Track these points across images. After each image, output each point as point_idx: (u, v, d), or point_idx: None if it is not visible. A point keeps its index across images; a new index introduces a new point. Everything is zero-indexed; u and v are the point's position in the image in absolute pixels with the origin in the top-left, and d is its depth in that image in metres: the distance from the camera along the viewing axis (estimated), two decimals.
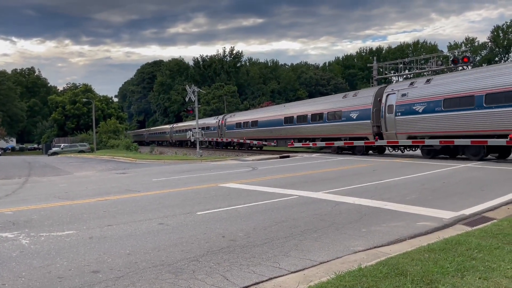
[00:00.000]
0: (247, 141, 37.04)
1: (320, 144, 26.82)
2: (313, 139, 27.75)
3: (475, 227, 6.38)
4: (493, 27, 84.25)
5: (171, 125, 67.33)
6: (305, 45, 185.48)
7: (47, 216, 8.35)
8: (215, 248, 5.66)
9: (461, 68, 27.69)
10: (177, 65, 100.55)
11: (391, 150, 23.53)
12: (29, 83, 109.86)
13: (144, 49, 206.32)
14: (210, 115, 62.24)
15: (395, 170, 15.10)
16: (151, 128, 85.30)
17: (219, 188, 11.93)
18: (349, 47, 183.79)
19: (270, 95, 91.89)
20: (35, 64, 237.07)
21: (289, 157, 25.59)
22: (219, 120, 44.87)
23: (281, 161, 23.28)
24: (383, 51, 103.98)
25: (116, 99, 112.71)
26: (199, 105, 43.80)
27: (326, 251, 5.40)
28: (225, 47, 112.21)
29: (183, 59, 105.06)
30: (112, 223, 7.41)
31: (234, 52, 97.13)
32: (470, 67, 28.98)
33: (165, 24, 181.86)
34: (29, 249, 5.84)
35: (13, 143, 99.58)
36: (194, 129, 33.77)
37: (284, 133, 31.17)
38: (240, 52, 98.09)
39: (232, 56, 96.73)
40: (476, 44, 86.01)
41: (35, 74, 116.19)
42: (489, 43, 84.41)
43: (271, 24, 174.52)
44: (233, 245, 5.79)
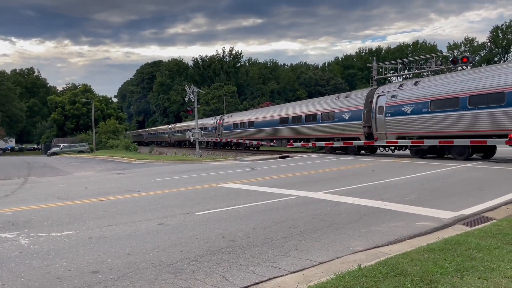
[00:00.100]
0: (245, 141, 37.32)
1: (319, 144, 26.91)
2: (308, 139, 28.26)
3: (474, 227, 6.38)
4: (493, 27, 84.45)
5: (170, 126, 67.44)
6: (305, 45, 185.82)
7: (46, 216, 8.34)
8: (215, 248, 5.66)
9: (460, 68, 27.70)
10: (177, 66, 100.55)
11: (382, 150, 23.96)
12: (28, 83, 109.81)
13: (143, 49, 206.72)
14: (209, 115, 62.32)
15: (394, 170, 15.11)
16: (150, 128, 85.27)
17: (219, 188, 11.93)
18: (349, 47, 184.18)
19: (269, 95, 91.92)
20: (34, 64, 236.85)
21: (288, 157, 25.61)
22: (216, 120, 45.15)
23: (281, 161, 23.30)
24: (383, 51, 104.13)
25: (115, 100, 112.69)
26: (199, 106, 43.85)
27: (325, 251, 5.40)
28: (224, 47, 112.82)
29: (182, 59, 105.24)
30: (111, 224, 7.41)
31: (233, 52, 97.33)
32: (469, 67, 29.02)
33: (165, 24, 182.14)
34: (29, 250, 5.83)
35: (12, 143, 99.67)
36: (193, 129, 33.86)
37: (279, 133, 31.64)
38: (239, 52, 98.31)
39: (231, 56, 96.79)
40: (475, 44, 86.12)
41: (35, 74, 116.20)
42: (489, 43, 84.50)
43: (271, 24, 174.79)
44: (232, 245, 5.79)
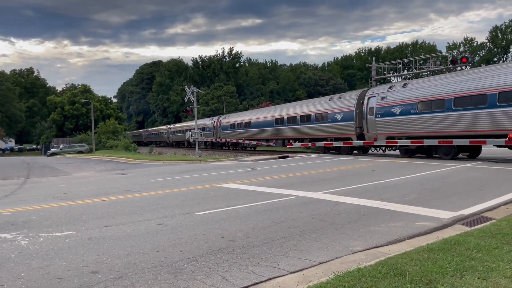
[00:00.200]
0: (242, 141, 37.81)
1: (319, 144, 27.02)
2: (302, 139, 28.86)
3: (474, 227, 6.38)
4: (492, 27, 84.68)
5: (168, 126, 67.71)
6: (304, 45, 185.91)
7: (46, 216, 8.34)
8: (214, 248, 5.65)
9: (459, 68, 27.72)
10: (176, 66, 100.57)
11: (373, 150, 24.62)
12: (28, 83, 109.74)
13: (143, 50, 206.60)
14: (209, 116, 62.39)
15: (394, 170, 15.12)
16: (149, 128, 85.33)
17: (218, 188, 11.93)
18: (348, 47, 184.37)
19: (269, 96, 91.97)
20: (34, 64, 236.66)
21: (288, 157, 25.63)
22: (214, 121, 45.67)
23: (280, 161, 23.30)
24: (382, 52, 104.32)
25: (115, 100, 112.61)
26: (198, 106, 43.89)
27: (325, 251, 5.40)
28: (224, 48, 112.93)
29: (182, 59, 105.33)
30: (111, 224, 7.41)
31: (233, 52, 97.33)
32: (468, 67, 29.03)
33: (164, 24, 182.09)
34: (28, 250, 5.83)
35: (12, 143, 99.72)
36: (193, 129, 33.95)
37: (275, 133, 32.27)
38: (239, 52, 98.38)
39: (231, 56, 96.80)
40: (474, 44, 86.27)
41: (34, 74, 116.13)
42: (488, 43, 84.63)
43: (270, 24, 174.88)
44: (232, 245, 5.79)
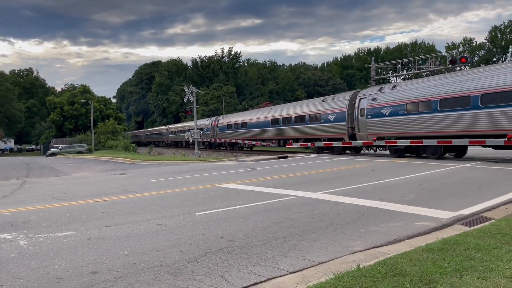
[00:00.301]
0: (239, 141, 38.41)
1: (319, 144, 27.07)
2: (297, 139, 29.47)
3: (473, 227, 6.39)
4: (491, 28, 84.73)
5: (167, 126, 68.05)
6: (304, 45, 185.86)
7: (45, 217, 8.33)
8: (214, 248, 5.65)
9: (458, 68, 27.75)
10: (176, 66, 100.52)
11: (364, 149, 25.42)
12: (27, 84, 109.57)
13: (142, 50, 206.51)
14: (208, 116, 62.44)
15: (393, 170, 15.13)
16: (148, 129, 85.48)
17: (218, 188, 11.93)
18: (347, 47, 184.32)
19: (268, 96, 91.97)
20: (33, 65, 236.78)
21: (287, 157, 25.64)
22: (212, 121, 46.39)
23: (280, 161, 23.31)
24: (381, 52, 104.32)
25: (114, 100, 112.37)
26: (198, 106, 43.92)
27: (324, 252, 5.40)
28: (223, 48, 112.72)
29: (181, 59, 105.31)
30: (110, 224, 7.40)
31: (232, 52, 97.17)
32: (468, 67, 29.05)
33: (164, 24, 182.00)
34: (27, 250, 5.83)
35: (11, 144, 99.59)
36: (192, 129, 34.00)
37: (271, 134, 32.92)
38: (238, 52, 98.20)
39: (230, 56, 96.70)
40: (474, 44, 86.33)
41: (33, 75, 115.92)
42: (487, 43, 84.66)
43: (270, 24, 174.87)
44: (231, 245, 5.79)
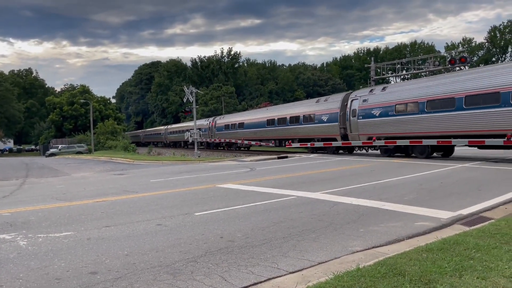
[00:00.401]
0: (237, 141, 38.85)
1: (318, 144, 27.14)
2: (292, 139, 29.93)
3: (472, 227, 6.39)
4: (490, 28, 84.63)
5: (166, 127, 68.41)
6: (303, 45, 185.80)
7: (44, 217, 8.32)
8: (214, 248, 5.65)
9: (458, 68, 27.78)
10: (175, 66, 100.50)
11: (357, 149, 26.18)
12: (26, 84, 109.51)
13: (141, 50, 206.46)
14: (208, 116, 62.47)
15: (393, 170, 15.13)
16: (147, 129, 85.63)
17: (217, 189, 11.93)
18: (347, 47, 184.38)
19: (268, 96, 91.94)
20: (32, 65, 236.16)
21: (287, 157, 25.65)
22: (209, 122, 46.91)
23: (279, 161, 23.32)
24: (381, 52, 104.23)
25: (114, 100, 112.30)
26: (197, 106, 43.95)
27: (324, 252, 5.40)
28: (223, 48, 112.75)
29: (181, 60, 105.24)
30: (110, 224, 7.40)
31: (232, 53, 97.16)
32: (467, 67, 29.07)
33: (163, 25, 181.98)
34: (27, 251, 5.82)
35: (10, 144, 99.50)
36: (192, 129, 34.03)
37: (266, 134, 33.56)
38: (238, 53, 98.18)
39: (230, 57, 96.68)
40: (473, 44, 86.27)
41: (33, 75, 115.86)
42: (486, 43, 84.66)
43: (269, 25, 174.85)
44: (231, 245, 5.78)
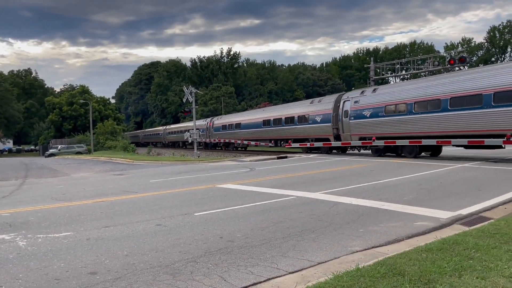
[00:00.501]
0: (235, 141, 39.25)
1: (317, 144, 27.18)
2: (287, 139, 30.50)
3: (472, 227, 6.39)
4: (490, 28, 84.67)
5: (164, 127, 68.69)
6: (303, 46, 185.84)
7: (44, 217, 8.32)
8: (213, 249, 5.65)
9: (457, 68, 27.82)
10: (174, 66, 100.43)
11: (349, 149, 26.87)
12: (26, 84, 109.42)
13: (141, 50, 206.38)
14: (207, 116, 62.50)
15: (392, 170, 15.14)
16: (146, 129, 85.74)
17: (217, 189, 11.92)
18: (346, 47, 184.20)
19: (267, 96, 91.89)
20: (32, 65, 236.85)
21: (287, 157, 25.66)
22: (207, 122, 47.39)
23: (279, 161, 23.33)
24: (380, 52, 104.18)
25: (113, 101, 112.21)
26: (197, 106, 43.96)
27: (324, 252, 5.40)
28: (222, 48, 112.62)
29: (180, 60, 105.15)
30: (109, 225, 7.39)
31: (231, 53, 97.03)
32: (466, 67, 29.10)
33: (162, 25, 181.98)
34: (26, 251, 5.82)
35: (10, 144, 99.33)
36: (191, 130, 34.07)
37: (263, 134, 34.13)
38: (237, 53, 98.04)
39: (229, 57, 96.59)
40: (472, 44, 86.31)
41: (32, 75, 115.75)
42: (486, 43, 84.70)
43: (269, 25, 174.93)
44: (231, 245, 5.78)
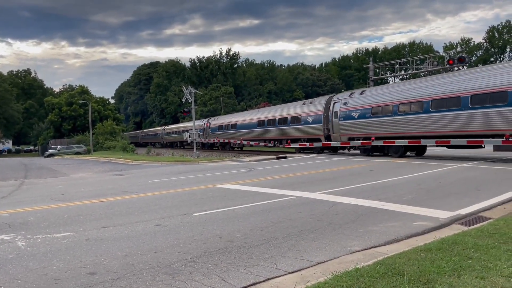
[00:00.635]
0: (231, 141, 39.87)
1: (317, 145, 27.23)
2: (281, 140, 31.42)
3: (471, 227, 6.40)
4: (489, 28, 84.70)
5: (163, 127, 68.95)
6: (302, 46, 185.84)
7: (43, 218, 8.31)
8: (212, 249, 5.65)
9: (456, 68, 27.85)
10: (174, 66, 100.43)
11: (339, 149, 27.73)
12: (25, 84, 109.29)
13: (140, 51, 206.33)
14: (207, 116, 62.51)
15: (391, 170, 15.14)
16: (144, 130, 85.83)
17: (216, 189, 11.92)
18: (346, 48, 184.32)
19: (267, 96, 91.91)
20: (31, 65, 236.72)
21: (286, 157, 25.66)
22: (204, 123, 47.95)
23: (278, 161, 23.33)
24: (379, 52, 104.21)
25: (112, 101, 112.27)
26: (196, 107, 43.96)
27: (323, 252, 5.40)
28: (221, 48, 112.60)
29: (179, 60, 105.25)
30: (108, 225, 7.39)
31: (230, 53, 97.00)
32: (466, 67, 29.13)
33: (162, 25, 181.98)
34: (25, 251, 5.81)
35: (9, 145, 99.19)
36: (190, 130, 34.12)
37: (257, 134, 35.19)
38: (236, 53, 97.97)
39: (228, 57, 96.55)
40: (471, 44, 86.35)
41: (31, 75, 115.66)
42: (485, 43, 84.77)
43: (268, 25, 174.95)
44: (230, 246, 5.78)
